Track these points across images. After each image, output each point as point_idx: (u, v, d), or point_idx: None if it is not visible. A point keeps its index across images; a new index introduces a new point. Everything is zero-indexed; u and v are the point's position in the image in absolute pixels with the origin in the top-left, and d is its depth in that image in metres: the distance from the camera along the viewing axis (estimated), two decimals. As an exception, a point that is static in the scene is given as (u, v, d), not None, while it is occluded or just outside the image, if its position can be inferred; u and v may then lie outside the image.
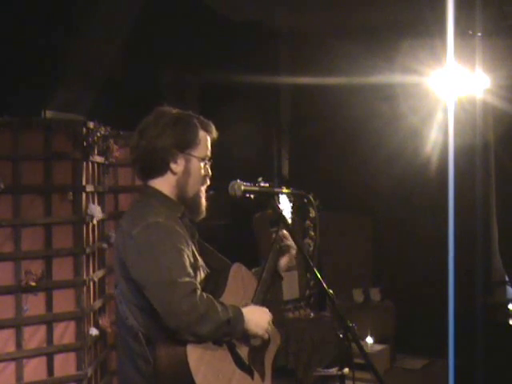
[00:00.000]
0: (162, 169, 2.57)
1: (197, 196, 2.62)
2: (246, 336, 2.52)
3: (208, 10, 5.65)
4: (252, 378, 2.57)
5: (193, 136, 2.58)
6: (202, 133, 2.61)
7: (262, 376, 2.63)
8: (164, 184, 2.58)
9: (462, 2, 4.59)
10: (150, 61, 5.54)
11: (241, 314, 2.46)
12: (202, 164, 2.60)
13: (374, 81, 5.65)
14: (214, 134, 2.66)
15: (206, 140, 2.62)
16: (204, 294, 2.39)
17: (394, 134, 5.87)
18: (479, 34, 5.06)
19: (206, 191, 2.66)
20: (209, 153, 2.64)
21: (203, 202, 2.64)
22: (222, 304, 2.43)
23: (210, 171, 2.65)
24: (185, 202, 2.60)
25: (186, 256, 2.44)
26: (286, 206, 2.75)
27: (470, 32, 5.11)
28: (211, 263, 2.72)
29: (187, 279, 2.38)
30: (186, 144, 2.56)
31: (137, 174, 2.66)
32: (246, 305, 2.58)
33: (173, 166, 2.56)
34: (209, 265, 2.69)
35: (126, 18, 4.79)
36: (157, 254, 2.40)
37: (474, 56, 5.10)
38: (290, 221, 2.75)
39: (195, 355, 2.37)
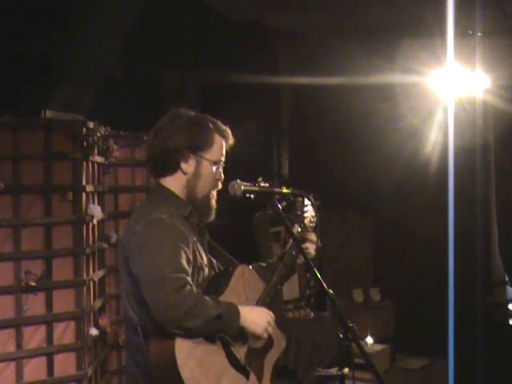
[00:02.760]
0: (172, 168, 2.61)
1: (206, 198, 2.65)
2: (244, 335, 2.53)
3: (208, 9, 5.65)
4: (247, 378, 2.55)
5: (206, 139, 2.61)
6: (217, 137, 2.64)
7: (260, 378, 2.62)
8: (174, 183, 2.62)
9: (461, 1, 4.59)
10: (149, 61, 5.54)
11: (236, 311, 2.47)
12: (214, 168, 2.63)
13: (374, 81, 5.65)
14: (231, 140, 2.69)
15: (221, 145, 2.65)
16: (194, 290, 2.41)
17: (394, 134, 5.87)
18: (479, 34, 5.05)
19: (217, 195, 2.68)
20: (222, 158, 2.67)
21: (212, 204, 2.68)
22: (213, 300, 2.44)
23: (222, 176, 2.67)
24: (194, 203, 2.64)
25: (183, 254, 2.47)
26: (309, 209, 2.76)
27: (470, 32, 5.10)
28: (219, 263, 2.74)
29: (178, 275, 2.40)
30: (198, 146, 2.60)
31: (149, 171, 2.72)
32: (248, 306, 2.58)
33: (183, 165, 2.60)
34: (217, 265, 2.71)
35: (126, 17, 4.79)
36: (154, 250, 2.44)
37: (474, 56, 5.09)
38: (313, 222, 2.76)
39: (184, 349, 2.38)
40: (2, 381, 3.91)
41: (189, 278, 2.44)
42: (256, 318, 2.54)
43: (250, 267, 2.71)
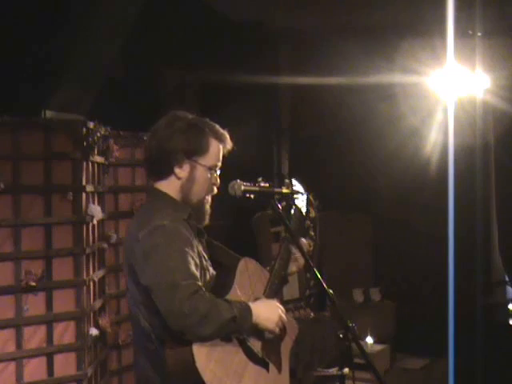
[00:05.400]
0: (166, 172, 2.59)
1: (201, 203, 2.63)
2: (258, 331, 2.51)
3: (208, 10, 5.65)
4: (267, 370, 2.56)
5: (202, 144, 2.58)
6: (213, 142, 2.60)
7: (279, 368, 2.63)
8: (169, 187, 2.60)
9: (461, 1, 4.59)
10: (149, 61, 5.54)
11: (248, 310, 2.46)
12: (209, 173, 2.60)
13: (374, 81, 5.65)
14: (229, 144, 2.65)
15: (218, 149, 2.62)
16: (206, 295, 2.39)
17: (394, 133, 5.87)
18: (479, 34, 5.05)
19: (212, 199, 2.67)
20: (219, 163, 2.64)
21: (207, 209, 2.66)
22: (226, 302, 2.42)
23: (218, 181, 2.65)
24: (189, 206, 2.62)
25: (190, 258, 2.45)
26: (301, 203, 2.76)
27: (470, 32, 5.11)
28: (222, 260, 2.72)
29: (190, 281, 2.38)
30: (193, 151, 2.57)
31: (146, 173, 2.72)
32: (256, 299, 2.57)
33: (177, 170, 2.57)
34: (219, 262, 2.70)
35: (126, 17, 4.79)
36: (161, 257, 2.40)
37: (474, 56, 5.09)
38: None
39: (202, 354, 2.37)
40: (2, 381, 3.91)
41: (200, 283, 2.42)
42: (268, 314, 2.53)
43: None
